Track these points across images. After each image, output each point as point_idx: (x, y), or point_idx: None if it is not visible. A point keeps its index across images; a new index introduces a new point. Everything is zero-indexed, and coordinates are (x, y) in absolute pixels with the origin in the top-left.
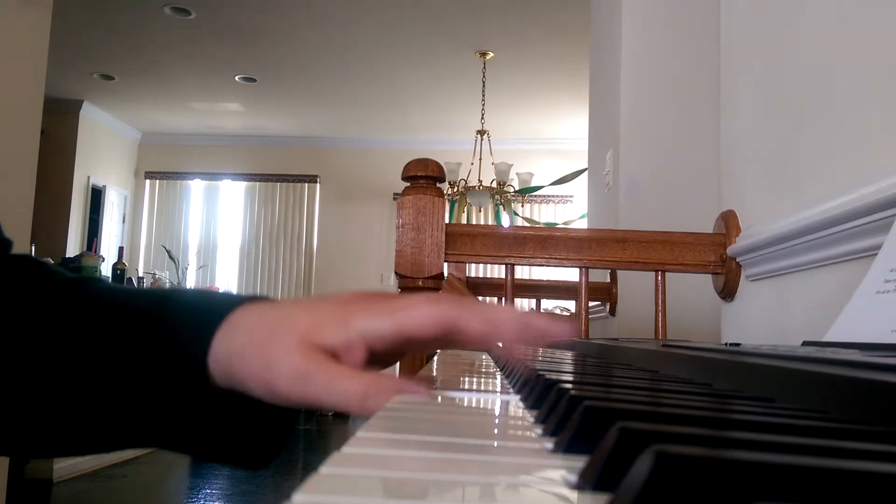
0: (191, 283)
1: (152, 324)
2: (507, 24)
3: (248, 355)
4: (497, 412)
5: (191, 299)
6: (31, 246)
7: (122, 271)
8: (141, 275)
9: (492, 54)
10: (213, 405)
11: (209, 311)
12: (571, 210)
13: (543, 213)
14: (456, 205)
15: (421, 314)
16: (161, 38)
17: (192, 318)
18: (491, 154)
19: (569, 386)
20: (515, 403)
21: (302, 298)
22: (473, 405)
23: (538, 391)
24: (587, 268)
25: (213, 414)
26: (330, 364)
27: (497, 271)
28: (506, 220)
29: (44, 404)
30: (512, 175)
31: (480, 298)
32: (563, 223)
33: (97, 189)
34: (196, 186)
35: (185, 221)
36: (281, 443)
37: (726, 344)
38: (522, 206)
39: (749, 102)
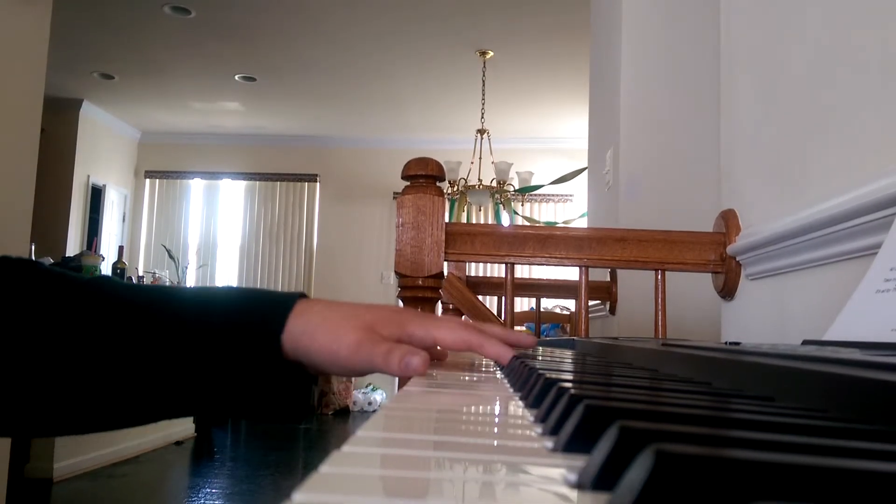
0: (191, 282)
1: (238, 312)
2: (507, 24)
3: (320, 332)
4: (496, 411)
5: (263, 292)
6: (31, 245)
7: (122, 270)
8: (141, 274)
9: (492, 54)
10: (283, 371)
11: (281, 301)
12: (571, 209)
13: (543, 213)
14: (456, 204)
15: (452, 336)
16: (161, 38)
17: (270, 305)
18: (491, 153)
19: (568, 385)
20: (515, 402)
21: (362, 303)
22: (473, 404)
23: (538, 390)
24: (587, 267)
25: (281, 378)
26: (377, 338)
27: (497, 270)
28: (506, 219)
29: (146, 380)
30: (512, 174)
31: (480, 298)
32: (563, 222)
33: (97, 188)
34: (196, 186)
35: (185, 221)
36: (309, 402)
37: (726, 343)
38: (522, 205)
39: (749, 102)
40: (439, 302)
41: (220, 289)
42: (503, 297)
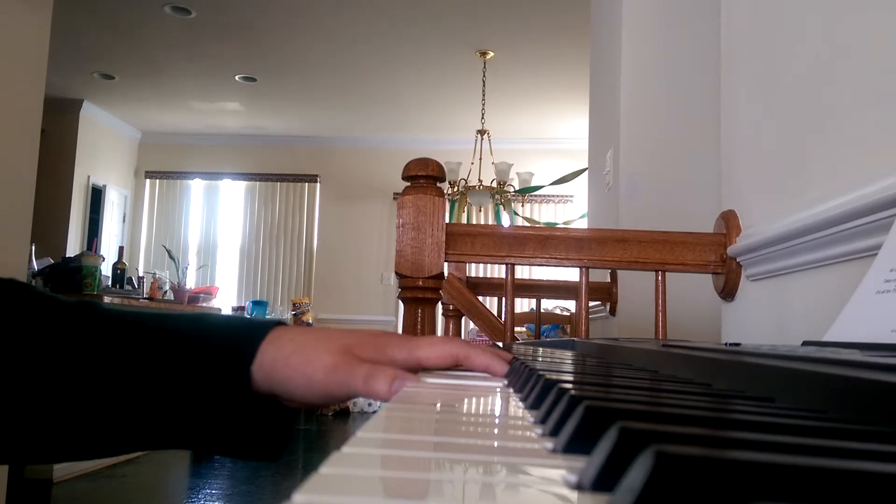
0: (191, 282)
1: (207, 340)
2: (507, 24)
3: (293, 358)
4: (497, 412)
5: (237, 320)
6: (31, 246)
7: (123, 271)
8: (141, 274)
9: (492, 54)
10: (253, 405)
11: (253, 329)
12: (572, 210)
13: (544, 213)
14: (456, 204)
15: (436, 352)
16: (161, 38)
17: (242, 333)
18: (491, 154)
19: (568, 386)
20: (515, 403)
21: (340, 328)
22: (473, 405)
23: (538, 391)
24: (587, 267)
25: (250, 412)
26: (355, 360)
27: (497, 271)
28: (506, 220)
29: (103, 409)
30: (512, 175)
31: (480, 299)
32: (564, 223)
33: (97, 188)
34: (196, 186)
35: (185, 221)
36: (287, 440)
37: (726, 344)
38: (522, 205)
39: (749, 102)
40: (439, 303)
41: (193, 316)
42: (503, 298)
